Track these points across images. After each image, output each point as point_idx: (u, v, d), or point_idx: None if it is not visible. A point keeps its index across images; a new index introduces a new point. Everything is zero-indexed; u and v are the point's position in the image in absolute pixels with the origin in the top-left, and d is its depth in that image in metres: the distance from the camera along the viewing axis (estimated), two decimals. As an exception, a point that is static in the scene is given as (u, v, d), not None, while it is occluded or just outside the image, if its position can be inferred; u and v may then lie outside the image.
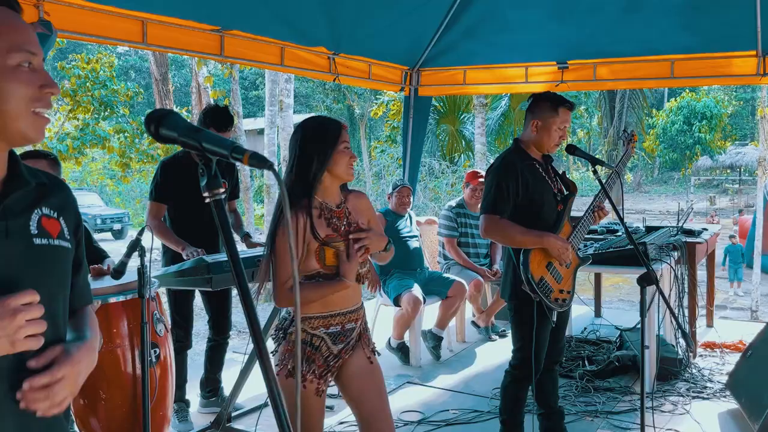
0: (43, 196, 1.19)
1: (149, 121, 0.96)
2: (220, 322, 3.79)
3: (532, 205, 2.91)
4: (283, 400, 0.94)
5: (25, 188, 1.15)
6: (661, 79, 5.45)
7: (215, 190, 0.91)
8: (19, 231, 1.12)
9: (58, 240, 1.18)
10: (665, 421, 3.61)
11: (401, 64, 5.88)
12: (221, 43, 4.14)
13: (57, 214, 1.20)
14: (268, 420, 3.54)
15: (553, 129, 2.90)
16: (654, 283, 2.73)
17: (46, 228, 1.16)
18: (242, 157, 0.89)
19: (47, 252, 1.16)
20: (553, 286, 2.93)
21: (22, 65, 1.08)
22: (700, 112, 25.33)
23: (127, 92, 9.94)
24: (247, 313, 0.91)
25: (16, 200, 1.13)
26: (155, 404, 2.51)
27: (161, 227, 3.46)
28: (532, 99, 3.02)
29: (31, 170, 1.20)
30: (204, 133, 0.92)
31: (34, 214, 1.16)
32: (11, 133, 1.09)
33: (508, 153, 2.99)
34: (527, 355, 2.96)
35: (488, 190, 2.90)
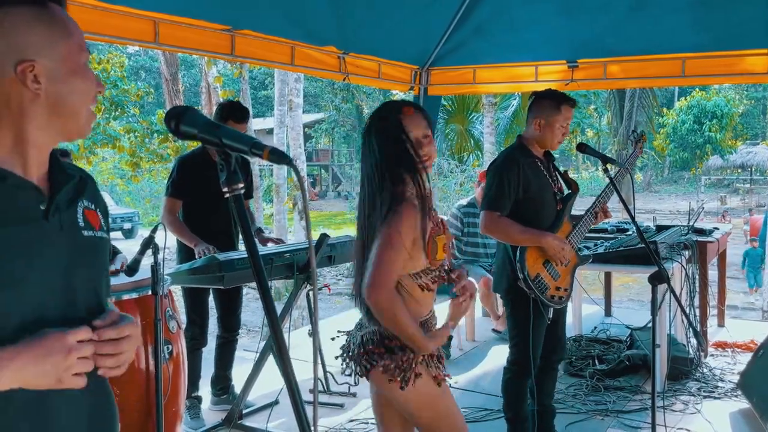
0: (82, 188, 1.23)
1: (170, 118, 0.98)
2: (229, 319, 3.81)
3: (532, 202, 2.93)
4: (301, 396, 0.93)
5: (71, 182, 1.19)
6: (672, 78, 5.42)
7: (235, 185, 0.93)
8: (70, 224, 1.16)
9: (100, 231, 1.22)
10: (676, 420, 3.60)
11: (411, 63, 5.87)
12: (232, 42, 4.15)
13: (94, 206, 1.24)
14: (279, 417, 3.58)
15: (556, 126, 2.92)
16: (665, 281, 2.73)
17: (90, 220, 1.20)
18: (262, 152, 0.90)
19: (94, 243, 1.20)
20: (549, 284, 2.95)
21: (87, 63, 1.15)
22: (711, 111, 25.19)
23: (137, 92, 10.00)
24: (267, 309, 0.92)
25: (65, 193, 1.17)
26: (168, 401, 2.53)
27: (176, 223, 3.49)
28: (534, 97, 3.03)
29: (66, 164, 1.24)
30: (223, 129, 0.94)
31: (78, 206, 1.19)
32: (70, 127, 1.14)
33: (511, 150, 3.01)
34: (523, 350, 2.97)
35: (489, 186, 2.92)
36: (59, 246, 1.12)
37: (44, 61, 1.09)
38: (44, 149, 1.15)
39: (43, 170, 1.16)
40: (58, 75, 1.10)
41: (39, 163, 1.14)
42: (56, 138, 1.16)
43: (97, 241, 1.21)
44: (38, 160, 1.14)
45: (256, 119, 21.99)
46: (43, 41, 1.09)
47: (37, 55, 1.09)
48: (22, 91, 1.09)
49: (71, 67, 1.11)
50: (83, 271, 1.16)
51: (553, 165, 3.06)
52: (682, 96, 28.87)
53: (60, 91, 1.11)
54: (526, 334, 2.91)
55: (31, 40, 1.09)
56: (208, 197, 3.55)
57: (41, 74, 1.09)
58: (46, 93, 1.10)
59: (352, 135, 32.60)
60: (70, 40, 1.12)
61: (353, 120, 30.63)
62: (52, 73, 1.10)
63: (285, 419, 3.60)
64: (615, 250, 4.10)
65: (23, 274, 1.06)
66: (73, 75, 1.11)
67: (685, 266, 4.18)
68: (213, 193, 3.57)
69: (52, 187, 1.15)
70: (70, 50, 1.12)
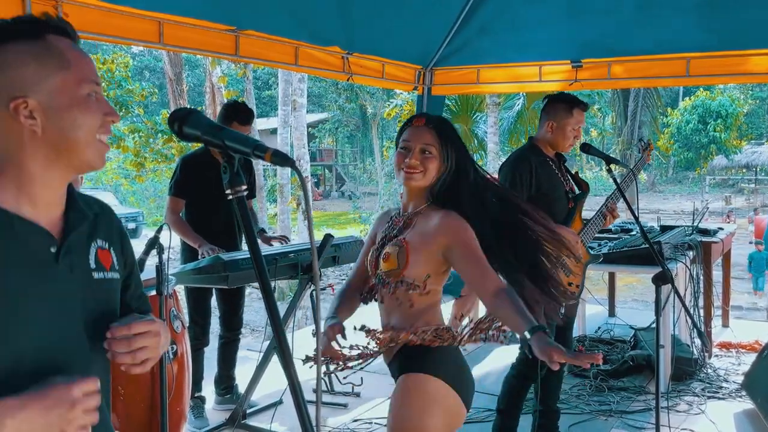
0: (96, 227, 1.21)
1: (173, 120, 0.98)
2: (231, 318, 3.82)
3: (544, 199, 2.93)
4: (303, 396, 0.94)
5: (85, 223, 1.18)
6: (676, 78, 5.40)
7: (238, 187, 0.93)
8: (81, 266, 1.15)
9: (111, 272, 1.21)
10: (680, 420, 3.59)
11: (415, 63, 5.87)
12: (236, 43, 4.16)
13: (108, 245, 1.23)
14: (283, 417, 3.59)
15: (568, 129, 2.93)
16: (669, 282, 2.72)
17: (102, 261, 1.19)
18: (264, 154, 0.90)
19: (104, 285, 1.19)
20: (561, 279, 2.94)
21: (90, 95, 1.11)
22: (716, 111, 25.13)
23: (141, 92, 10.03)
24: (270, 310, 0.92)
25: (78, 234, 1.16)
26: (172, 400, 2.54)
27: (179, 222, 3.50)
28: (547, 100, 3.04)
29: (83, 197, 1.23)
30: (226, 131, 0.94)
31: (91, 247, 1.18)
32: (79, 161, 1.12)
33: (522, 149, 3.03)
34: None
35: (502, 183, 2.92)
36: (70, 289, 1.12)
37: (38, 96, 1.07)
38: (55, 187, 1.13)
39: (57, 210, 1.15)
40: (54, 109, 1.08)
41: (51, 202, 1.13)
42: (66, 174, 1.14)
43: (107, 283, 1.21)
44: (49, 199, 1.13)
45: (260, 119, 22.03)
46: (35, 76, 1.07)
47: (29, 91, 1.07)
48: (21, 129, 1.07)
49: (68, 101, 1.09)
50: (94, 312, 1.16)
51: (565, 166, 3.08)
52: (686, 96, 28.80)
53: (58, 125, 1.08)
54: None
55: (24, 76, 1.07)
56: (210, 197, 3.56)
57: (36, 110, 1.07)
58: (43, 129, 1.08)
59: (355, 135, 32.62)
60: (67, 73, 1.09)
61: (357, 120, 30.64)
62: (47, 108, 1.08)
63: (289, 419, 3.61)
64: (619, 250, 4.09)
65: (35, 318, 1.07)
66: (70, 108, 1.09)
67: (689, 267, 4.17)
68: (215, 193, 3.58)
69: (66, 228, 1.14)
70: (65, 83, 1.09)
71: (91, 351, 1.16)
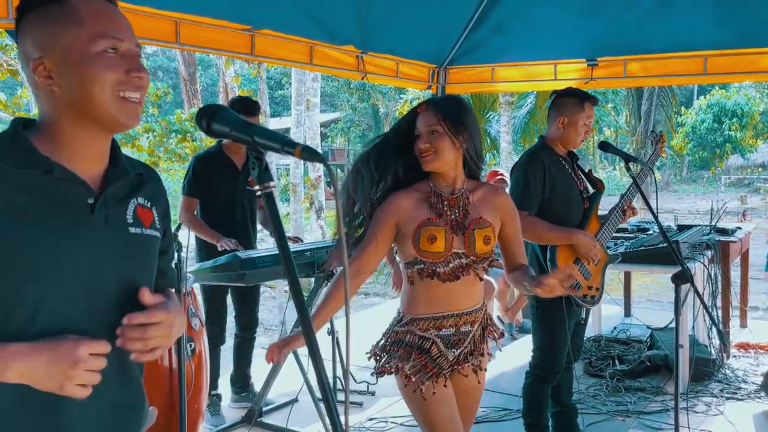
0: (139, 185, 1.24)
1: (201, 116, 0.98)
2: (246, 317, 3.84)
3: (558, 201, 2.91)
4: (334, 394, 0.93)
5: (125, 179, 1.20)
6: (693, 76, 5.34)
7: (266, 183, 0.93)
8: (117, 219, 1.17)
9: (150, 229, 1.23)
10: (699, 422, 3.56)
11: (429, 62, 5.86)
12: (252, 42, 4.17)
13: (150, 204, 1.25)
14: (299, 416, 3.59)
15: (580, 125, 2.90)
16: (688, 281, 2.70)
17: (141, 217, 1.22)
18: (294, 150, 0.90)
19: (140, 240, 1.21)
20: (581, 283, 2.92)
21: (107, 51, 1.11)
22: (731, 110, 24.87)
23: (156, 92, 10.07)
24: (298, 305, 0.92)
25: (116, 190, 1.18)
26: (190, 398, 2.55)
27: (195, 220, 3.52)
28: (555, 96, 3.01)
29: (129, 160, 1.26)
30: (255, 127, 0.94)
31: (130, 203, 1.21)
32: (103, 118, 1.13)
33: (534, 149, 3.00)
34: (548, 354, 2.94)
35: (515, 185, 2.90)
36: (102, 239, 1.14)
37: (53, 56, 1.10)
38: (90, 144, 1.16)
39: (98, 167, 1.18)
40: (67, 67, 1.10)
41: (89, 159, 1.16)
42: (96, 132, 1.16)
43: (145, 239, 1.22)
44: (87, 156, 1.15)
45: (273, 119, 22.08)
46: (49, 37, 1.10)
47: (45, 51, 1.10)
48: (45, 89, 1.12)
49: (79, 57, 1.10)
50: (125, 266, 1.18)
51: (577, 164, 3.04)
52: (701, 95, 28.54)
53: (72, 83, 1.10)
54: (555, 336, 2.88)
55: (42, 38, 1.11)
56: (224, 195, 3.59)
57: (52, 69, 1.10)
58: (60, 87, 1.11)
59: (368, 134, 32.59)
60: (79, 30, 1.10)
61: (369, 119, 30.63)
62: (61, 67, 1.10)
63: (305, 417, 3.62)
64: (636, 249, 4.06)
65: (63, 262, 1.09)
66: (81, 65, 1.10)
67: (707, 266, 4.13)
68: (229, 191, 3.61)
69: (104, 183, 1.17)
70: (77, 40, 1.10)
71: (120, 303, 1.16)
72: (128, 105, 1.14)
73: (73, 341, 1.05)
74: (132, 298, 1.18)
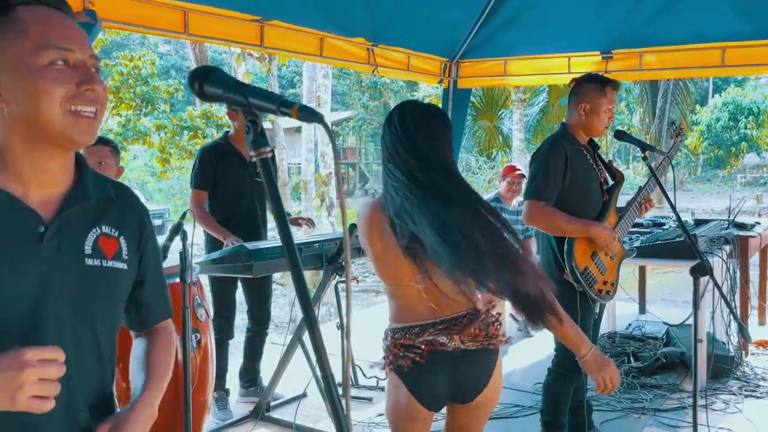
0: (105, 211, 1.15)
1: (193, 78, 0.93)
2: (259, 312, 3.79)
3: (578, 192, 2.82)
4: (337, 388, 0.86)
5: (85, 204, 1.11)
6: (711, 68, 5.24)
7: (262, 149, 0.87)
8: (72, 249, 1.09)
9: (112, 261, 1.14)
10: (717, 419, 3.47)
11: (440, 55, 5.79)
12: (261, 33, 4.13)
13: (118, 233, 1.16)
14: (307, 410, 3.53)
15: (602, 110, 2.81)
16: (708, 273, 2.61)
17: (102, 248, 1.12)
18: (290, 110, 0.84)
19: (99, 274, 1.12)
20: (597, 277, 2.84)
21: (55, 63, 1.03)
22: (747, 108, 24.59)
23: (167, 89, 10.09)
24: (299, 290, 0.85)
25: (75, 216, 1.10)
26: (195, 390, 2.50)
27: (203, 215, 3.47)
28: (575, 82, 2.92)
29: (99, 182, 1.16)
30: (249, 87, 0.88)
31: (92, 232, 1.12)
32: (54, 135, 1.05)
33: (556, 137, 2.89)
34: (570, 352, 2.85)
35: (534, 174, 2.80)
36: (54, 270, 1.06)
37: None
38: (44, 166, 1.07)
39: (54, 190, 1.09)
40: (13, 82, 1.03)
41: (44, 182, 1.08)
42: (49, 151, 1.07)
43: (105, 272, 1.12)
44: (40, 179, 1.07)
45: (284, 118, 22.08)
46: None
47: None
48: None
49: (25, 71, 1.02)
50: (80, 302, 1.09)
51: (598, 154, 2.95)
52: (716, 93, 28.25)
53: (19, 98, 1.03)
54: None
55: None
56: (232, 187, 3.54)
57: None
58: (7, 104, 1.03)
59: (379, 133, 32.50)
60: (24, 41, 1.03)
61: (380, 118, 30.55)
62: (6, 83, 1.03)
63: (313, 412, 3.57)
64: (653, 243, 3.97)
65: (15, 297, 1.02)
66: (27, 79, 1.02)
67: (726, 261, 4.03)
68: (236, 183, 3.57)
69: (59, 209, 1.08)
70: (22, 53, 1.03)
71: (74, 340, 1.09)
72: (81, 120, 1.05)
73: (17, 350, 0.94)
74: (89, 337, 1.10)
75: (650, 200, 2.98)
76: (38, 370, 0.93)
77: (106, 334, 1.15)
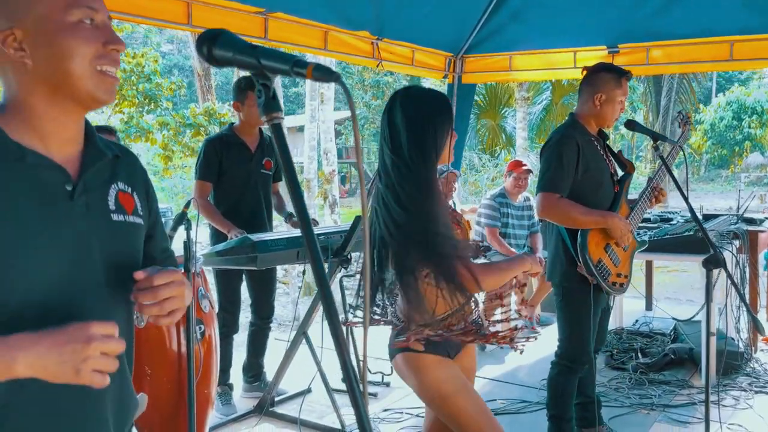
0: (118, 169, 1.16)
1: (202, 42, 0.89)
2: (263, 305, 3.74)
3: (590, 183, 2.77)
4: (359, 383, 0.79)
5: (103, 160, 1.12)
6: (718, 62, 5.19)
7: (273, 113, 0.83)
8: (99, 206, 1.10)
9: (132, 216, 1.16)
10: (728, 415, 3.42)
11: (445, 50, 5.76)
12: (265, 25, 4.10)
13: (131, 189, 1.18)
14: (311, 406, 3.49)
15: (617, 101, 2.76)
16: (721, 265, 2.57)
17: (123, 204, 1.14)
18: (305, 70, 0.80)
19: (125, 228, 1.14)
20: (611, 269, 2.79)
21: (83, 21, 1.04)
22: (751, 107, 24.50)
23: (170, 85, 10.04)
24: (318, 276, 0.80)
25: (96, 173, 1.10)
26: (199, 382, 2.46)
27: (207, 206, 3.42)
28: (588, 72, 2.87)
29: (104, 142, 1.17)
30: (261, 49, 0.84)
31: (111, 189, 1.13)
32: (80, 94, 1.05)
33: (566, 128, 2.84)
34: (576, 344, 2.81)
35: (547, 166, 2.73)
36: (86, 228, 1.06)
37: (24, 25, 1.02)
38: (65, 124, 1.07)
39: (73, 148, 1.09)
40: (41, 38, 1.02)
41: (63, 140, 1.08)
42: (71, 110, 1.07)
43: (129, 227, 1.15)
44: (61, 136, 1.07)
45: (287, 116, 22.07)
46: (22, 5, 1.02)
47: (17, 21, 1.02)
48: (14, 63, 1.03)
49: (54, 28, 1.02)
50: (112, 256, 1.10)
51: (607, 145, 2.90)
52: (720, 92, 28.16)
53: (46, 55, 1.02)
54: (582, 325, 2.75)
55: (11, 7, 1.03)
56: (236, 178, 3.50)
57: (24, 40, 1.02)
58: (33, 60, 1.02)
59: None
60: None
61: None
62: (34, 38, 1.02)
63: (317, 407, 3.53)
64: (661, 238, 3.92)
65: (48, 255, 1.01)
66: (56, 36, 1.02)
67: (735, 255, 3.98)
68: (241, 174, 3.52)
69: (83, 166, 1.08)
70: (51, 9, 1.02)
71: (110, 297, 1.09)
72: (106, 80, 1.06)
73: (81, 323, 0.95)
74: (122, 291, 1.10)
75: (663, 190, 2.92)
76: (102, 344, 0.94)
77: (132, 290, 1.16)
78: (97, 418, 1.10)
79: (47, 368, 0.93)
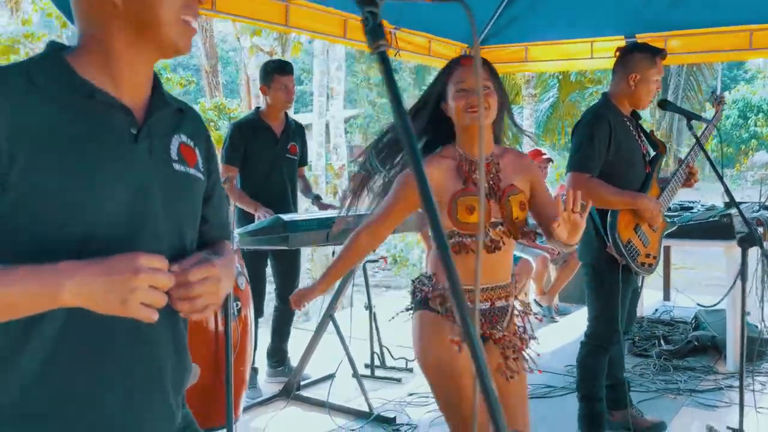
0: (181, 121, 1.16)
1: None
2: (287, 289, 3.72)
3: (621, 164, 2.76)
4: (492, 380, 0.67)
5: (168, 109, 1.12)
6: (738, 51, 5.18)
7: (380, 41, 0.82)
8: (161, 152, 1.09)
9: (194, 170, 1.14)
10: (756, 400, 3.40)
11: (461, 41, 5.75)
12: (286, 12, 4.10)
13: (193, 143, 1.17)
14: (336, 390, 3.49)
15: (652, 81, 2.75)
16: (756, 243, 2.57)
17: (184, 155, 1.13)
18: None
19: (185, 179, 1.12)
20: (640, 249, 2.78)
21: None
22: (757, 106, 24.48)
23: (180, 81, 10.08)
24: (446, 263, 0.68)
25: (161, 121, 1.10)
26: (235, 360, 2.45)
27: (233, 189, 3.43)
28: (622, 52, 2.86)
29: (170, 95, 1.17)
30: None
31: (174, 138, 1.12)
32: (163, 41, 1.06)
33: (599, 107, 2.83)
34: (605, 323, 2.80)
35: (578, 145, 2.73)
36: (146, 172, 1.05)
37: None
38: (138, 68, 1.07)
39: (141, 94, 1.09)
40: None
41: (135, 84, 1.07)
42: (149, 55, 1.08)
43: (190, 178, 1.13)
44: (133, 80, 1.07)
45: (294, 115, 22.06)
46: None
47: None
48: (102, 3, 1.03)
49: None
50: (171, 205, 1.08)
51: (639, 125, 2.89)
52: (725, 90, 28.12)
53: None
54: (611, 305, 2.74)
55: None
56: (262, 163, 3.50)
57: None
58: (124, 2, 1.02)
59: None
60: None
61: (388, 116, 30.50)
62: None
63: (343, 391, 3.52)
64: (686, 223, 3.91)
65: (111, 193, 1.00)
66: None
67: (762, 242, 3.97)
68: (267, 159, 3.53)
69: (147, 113, 1.08)
70: None
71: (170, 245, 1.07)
72: (188, 30, 1.07)
73: (130, 253, 0.93)
74: (178, 242, 1.09)
75: (695, 173, 2.92)
76: (151, 276, 0.91)
77: (189, 245, 1.14)
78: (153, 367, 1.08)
79: (93, 296, 0.91)
